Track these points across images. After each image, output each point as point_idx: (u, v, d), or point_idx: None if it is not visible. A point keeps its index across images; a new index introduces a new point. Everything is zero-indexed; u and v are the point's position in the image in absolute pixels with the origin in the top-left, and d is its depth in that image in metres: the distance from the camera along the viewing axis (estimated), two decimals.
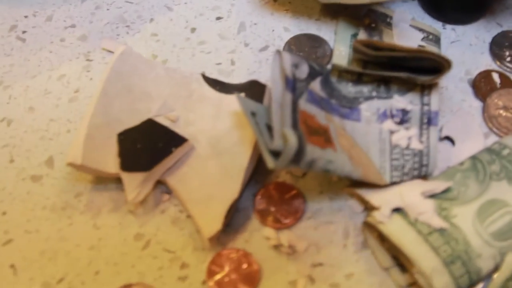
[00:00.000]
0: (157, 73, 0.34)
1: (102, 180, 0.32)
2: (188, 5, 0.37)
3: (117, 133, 0.31)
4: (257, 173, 0.32)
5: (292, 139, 0.25)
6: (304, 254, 0.30)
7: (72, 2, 0.38)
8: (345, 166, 0.28)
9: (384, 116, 0.31)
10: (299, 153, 0.25)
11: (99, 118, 0.31)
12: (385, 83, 0.31)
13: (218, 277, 0.29)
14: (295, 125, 0.27)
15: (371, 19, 0.35)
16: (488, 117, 0.34)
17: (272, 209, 0.31)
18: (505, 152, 0.30)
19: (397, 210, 0.29)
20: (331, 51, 0.35)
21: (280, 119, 0.26)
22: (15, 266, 0.29)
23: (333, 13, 0.37)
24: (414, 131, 0.31)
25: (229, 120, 0.32)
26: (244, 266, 0.29)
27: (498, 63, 0.35)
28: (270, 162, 0.26)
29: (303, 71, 0.29)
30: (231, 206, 0.30)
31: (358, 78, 0.31)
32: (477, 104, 0.34)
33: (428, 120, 0.31)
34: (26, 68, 0.35)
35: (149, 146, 0.31)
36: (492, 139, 0.33)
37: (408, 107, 0.31)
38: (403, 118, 0.31)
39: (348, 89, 0.31)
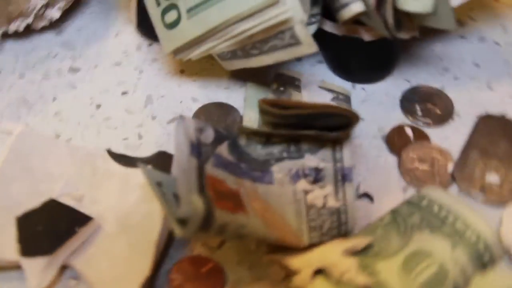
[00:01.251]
0: (59, 153, 0.32)
1: (1, 270, 0.29)
2: (93, 82, 0.36)
3: (15, 216, 0.29)
4: (172, 248, 0.30)
5: (199, 204, 0.23)
6: None
7: None
8: (259, 230, 0.26)
9: (297, 176, 0.30)
10: (208, 219, 0.24)
11: None
12: (295, 143, 0.30)
13: None
14: (201, 190, 0.25)
15: (279, 83, 0.35)
16: (405, 171, 0.33)
17: (188, 285, 0.29)
18: (424, 203, 0.30)
19: (319, 272, 0.27)
20: (241, 118, 0.35)
21: (186, 185, 0.25)
22: None
23: (241, 80, 0.36)
24: (329, 189, 0.30)
25: (137, 194, 0.30)
26: None
27: (410, 118, 0.35)
28: (177, 230, 0.24)
29: (208, 135, 0.28)
30: (143, 285, 0.28)
31: (267, 140, 0.30)
32: (392, 159, 0.34)
33: (343, 176, 0.30)
34: None
35: (51, 228, 0.29)
36: (411, 192, 0.32)
37: (321, 165, 0.30)
38: (317, 176, 0.30)
39: (258, 151, 0.30)
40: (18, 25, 0.36)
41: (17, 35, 0.38)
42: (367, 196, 0.32)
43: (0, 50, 0.38)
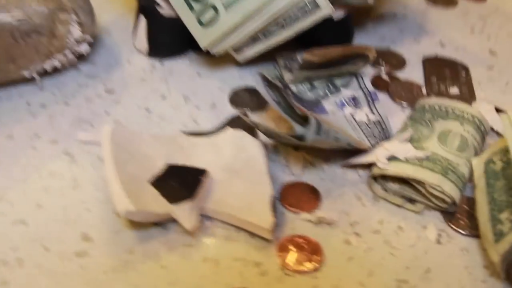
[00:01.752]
0: (146, 140, 0.38)
1: (143, 228, 0.34)
2: (132, 95, 0.43)
3: (146, 182, 0.34)
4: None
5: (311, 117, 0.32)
6: (341, 221, 0.35)
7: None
8: (346, 137, 0.35)
9: (342, 104, 0.40)
10: (319, 125, 0.33)
11: (123, 176, 0.34)
12: (330, 82, 0.41)
13: (290, 258, 0.33)
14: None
15: (284, 61, 0.45)
16: (397, 99, 0.45)
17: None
18: (427, 107, 0.41)
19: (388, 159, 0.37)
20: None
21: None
22: None
23: (249, 68, 0.46)
24: (366, 109, 0.40)
25: (228, 151, 0.38)
26: (304, 244, 0.34)
27: (382, 68, 0.47)
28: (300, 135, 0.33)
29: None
30: (271, 202, 0.35)
31: (311, 85, 0.40)
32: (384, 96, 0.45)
33: (372, 98, 0.40)
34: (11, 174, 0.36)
35: (182, 181, 0.35)
36: (406, 109, 0.43)
37: (355, 94, 0.40)
38: (355, 102, 0.40)
39: (308, 95, 0.40)
40: (57, 60, 0.42)
41: (40, 74, 0.43)
42: None
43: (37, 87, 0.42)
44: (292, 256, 0.33)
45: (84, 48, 0.43)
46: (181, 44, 0.46)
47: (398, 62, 0.48)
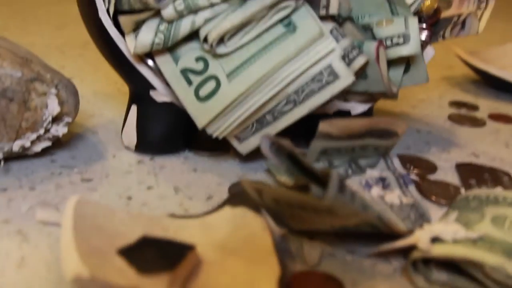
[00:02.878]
0: (121, 216, 0.30)
1: None
2: (112, 185, 0.35)
3: (112, 255, 0.26)
4: None
5: (333, 171, 0.25)
6: None
7: None
8: (375, 208, 0.28)
9: (368, 185, 0.32)
10: (342, 182, 0.25)
11: (83, 246, 0.26)
12: (354, 162, 0.33)
13: None
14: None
15: None
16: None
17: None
18: (471, 197, 0.34)
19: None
20: None
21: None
22: None
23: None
24: (398, 192, 0.32)
25: (225, 228, 0.30)
26: None
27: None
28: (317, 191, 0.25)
29: None
30: (280, 283, 0.26)
31: (330, 164, 0.33)
32: None
33: (404, 182, 0.33)
34: None
35: (159, 254, 0.26)
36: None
37: (383, 174, 0.33)
38: (384, 184, 0.33)
39: None
40: (27, 139, 0.36)
41: (7, 155, 0.37)
42: None
43: None
44: None
45: (61, 130, 0.37)
46: (174, 139, 0.40)
47: (428, 167, 0.41)
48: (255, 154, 0.40)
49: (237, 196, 0.32)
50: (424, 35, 0.42)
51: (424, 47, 0.42)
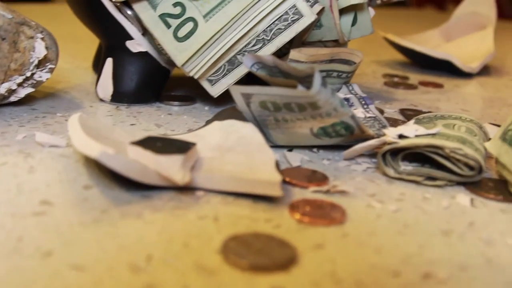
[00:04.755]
0: (118, 131, 0.33)
1: (117, 192, 0.27)
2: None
3: (129, 142, 0.29)
4: None
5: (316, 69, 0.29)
6: (357, 193, 0.30)
7: None
8: (349, 109, 0.32)
9: None
10: (324, 80, 0.30)
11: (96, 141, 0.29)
12: None
13: (307, 213, 0.27)
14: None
15: None
16: None
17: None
18: (421, 118, 0.39)
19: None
20: None
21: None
22: None
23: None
24: (361, 109, 0.37)
25: (218, 136, 0.33)
26: (321, 203, 0.28)
27: None
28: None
29: None
30: (276, 164, 0.29)
31: None
32: None
33: (365, 102, 0.38)
34: None
35: (169, 145, 0.29)
36: None
37: (347, 96, 0.38)
38: (348, 103, 0.37)
39: None
40: (13, 82, 0.38)
41: None
42: None
43: None
44: (308, 212, 0.27)
45: (45, 76, 0.39)
46: (148, 91, 0.43)
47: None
48: (222, 101, 0.43)
49: (223, 112, 0.35)
50: None
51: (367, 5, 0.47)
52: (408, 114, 0.45)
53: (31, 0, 1.10)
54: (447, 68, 0.64)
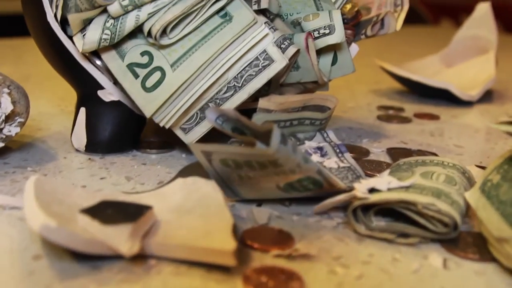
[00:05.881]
0: (78, 192, 0.32)
1: (65, 264, 0.26)
2: (65, 178, 0.37)
3: (79, 211, 0.28)
4: None
5: (275, 126, 0.28)
6: (321, 256, 0.29)
7: None
8: (316, 163, 0.31)
9: (308, 154, 0.35)
10: (284, 136, 0.28)
11: (46, 210, 0.27)
12: (292, 136, 0.36)
13: (262, 285, 0.26)
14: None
15: None
16: None
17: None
18: (401, 163, 0.37)
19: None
20: None
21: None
22: None
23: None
24: (335, 158, 0.35)
25: (179, 195, 0.32)
26: (278, 272, 0.27)
27: None
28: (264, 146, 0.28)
29: None
30: (233, 229, 0.28)
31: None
32: None
33: (340, 150, 0.36)
34: None
35: (120, 211, 0.28)
36: None
37: (321, 144, 0.36)
38: (322, 152, 0.36)
39: None
40: None
41: None
42: None
43: None
44: (263, 284, 0.25)
45: (14, 130, 0.38)
46: (122, 139, 0.42)
47: (361, 152, 0.44)
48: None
49: (187, 168, 0.34)
50: (347, 33, 0.46)
51: (349, 44, 0.46)
52: (395, 154, 0.44)
53: (18, 34, 1.10)
54: (446, 97, 0.62)
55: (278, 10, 0.41)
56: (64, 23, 0.39)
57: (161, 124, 0.38)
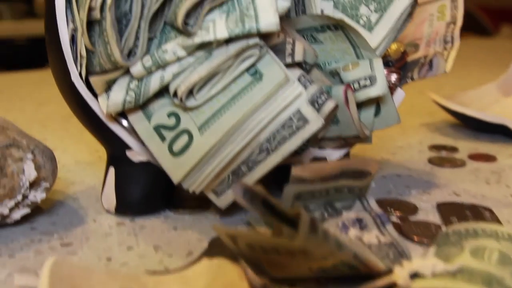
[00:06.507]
0: (98, 276, 0.30)
1: None
2: (92, 248, 0.35)
3: None
4: None
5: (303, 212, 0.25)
6: None
7: None
8: (351, 246, 0.28)
9: (345, 227, 0.32)
10: (314, 222, 0.26)
11: None
12: (329, 205, 0.33)
13: None
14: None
15: None
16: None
17: None
18: (450, 232, 0.34)
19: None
20: None
21: None
22: None
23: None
24: (375, 232, 0.32)
25: (204, 280, 0.29)
26: None
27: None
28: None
29: None
30: None
31: (305, 208, 0.33)
32: None
33: (381, 221, 0.33)
34: None
35: None
36: None
37: (360, 215, 0.33)
38: (361, 225, 0.33)
39: None
40: (5, 206, 0.36)
41: None
42: None
43: None
44: None
45: (40, 196, 0.37)
46: (154, 199, 0.40)
47: (408, 208, 0.41)
48: (235, 208, 0.40)
49: (214, 247, 0.32)
50: (393, 78, 0.43)
51: (393, 89, 0.42)
52: (446, 211, 0.40)
53: None
54: (503, 131, 0.58)
55: (315, 60, 0.38)
56: (89, 80, 0.37)
57: (190, 190, 0.36)
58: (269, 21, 0.33)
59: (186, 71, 0.34)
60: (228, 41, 0.33)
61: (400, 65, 0.45)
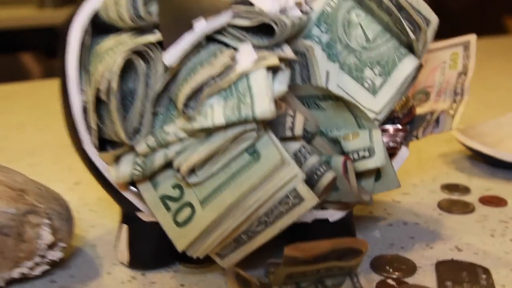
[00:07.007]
0: None
1: None
2: None
3: None
4: None
5: None
6: None
7: None
8: None
9: None
10: None
11: None
12: (320, 283, 0.35)
13: None
14: None
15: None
16: None
17: None
18: None
19: None
20: None
21: None
22: None
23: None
24: None
25: None
26: None
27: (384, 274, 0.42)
28: None
29: None
30: None
31: (297, 286, 0.35)
32: None
33: None
34: None
35: None
36: None
37: None
38: None
39: None
40: (26, 268, 0.39)
41: (8, 282, 0.39)
42: None
43: None
44: None
45: (57, 255, 0.40)
46: (165, 254, 0.43)
47: (407, 268, 0.42)
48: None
49: None
50: (399, 138, 0.44)
51: (398, 149, 0.44)
52: (443, 271, 0.42)
53: None
54: None
55: (316, 130, 0.40)
56: (103, 142, 0.39)
57: (194, 256, 0.38)
58: (264, 108, 0.34)
59: (188, 150, 0.36)
60: (227, 126, 0.35)
61: (407, 121, 0.46)
